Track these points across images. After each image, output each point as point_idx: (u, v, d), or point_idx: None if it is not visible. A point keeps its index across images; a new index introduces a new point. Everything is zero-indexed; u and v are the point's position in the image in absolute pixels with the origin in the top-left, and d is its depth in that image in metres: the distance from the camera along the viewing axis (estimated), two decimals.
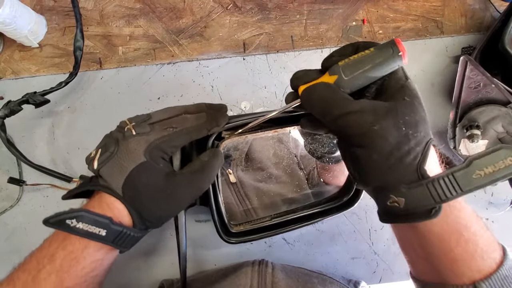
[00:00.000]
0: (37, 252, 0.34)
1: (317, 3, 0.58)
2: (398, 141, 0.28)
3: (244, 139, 0.45)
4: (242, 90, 0.56)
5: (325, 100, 0.31)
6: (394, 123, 0.29)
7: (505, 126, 0.47)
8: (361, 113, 0.29)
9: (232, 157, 0.49)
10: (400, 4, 0.58)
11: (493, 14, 0.58)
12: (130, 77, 0.56)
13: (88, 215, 0.32)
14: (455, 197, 0.28)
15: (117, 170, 0.33)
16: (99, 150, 0.35)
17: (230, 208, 0.49)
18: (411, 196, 0.29)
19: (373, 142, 0.29)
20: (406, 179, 0.29)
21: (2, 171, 0.53)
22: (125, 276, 0.50)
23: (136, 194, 0.33)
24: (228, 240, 0.44)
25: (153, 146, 0.34)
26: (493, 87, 0.46)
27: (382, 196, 0.31)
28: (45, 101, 0.50)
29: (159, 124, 0.36)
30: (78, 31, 0.50)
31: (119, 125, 0.37)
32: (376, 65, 0.30)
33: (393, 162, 0.29)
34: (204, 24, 0.57)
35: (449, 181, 0.28)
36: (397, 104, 0.29)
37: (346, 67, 0.31)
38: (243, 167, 0.50)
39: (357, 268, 0.52)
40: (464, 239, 0.29)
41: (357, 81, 0.31)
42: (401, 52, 0.30)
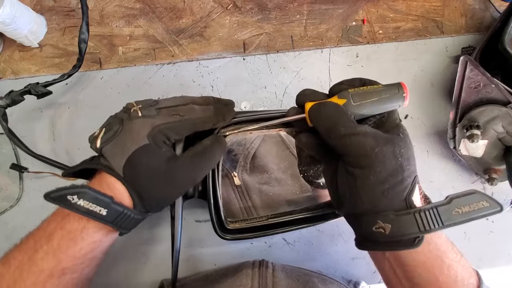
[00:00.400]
0: (35, 232, 0.33)
1: (317, 3, 0.58)
2: (394, 169, 0.31)
3: (249, 135, 0.46)
4: (242, 90, 0.56)
5: (334, 118, 0.33)
6: (393, 151, 0.31)
7: (505, 126, 0.47)
8: (364, 136, 0.31)
9: (233, 152, 0.49)
10: (400, 4, 0.58)
11: (493, 14, 0.58)
12: (130, 77, 0.56)
13: (89, 192, 0.31)
14: (436, 230, 0.30)
15: (119, 150, 0.33)
16: (103, 129, 0.35)
17: (232, 209, 0.49)
18: (398, 223, 0.30)
19: (373, 164, 0.31)
20: (395, 207, 0.31)
21: (2, 171, 0.53)
22: (125, 276, 0.50)
23: (136, 176, 0.33)
24: (223, 236, 0.44)
25: (157, 130, 0.34)
26: (493, 87, 0.46)
27: (368, 221, 0.32)
28: (47, 92, 0.50)
29: (166, 109, 0.36)
30: (83, 23, 0.49)
31: (126, 106, 0.37)
32: (382, 99, 0.34)
33: (387, 187, 0.31)
34: (204, 24, 0.57)
35: (433, 214, 0.30)
36: (394, 137, 0.32)
37: (356, 95, 0.34)
38: (248, 170, 0.50)
39: (357, 268, 0.52)
40: (446, 266, 0.32)
41: (363, 109, 0.34)
42: (405, 94, 0.34)
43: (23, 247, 0.33)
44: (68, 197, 0.31)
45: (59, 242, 0.32)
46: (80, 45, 0.50)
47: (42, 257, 0.32)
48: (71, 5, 0.57)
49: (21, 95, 0.48)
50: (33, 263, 0.31)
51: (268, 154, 0.51)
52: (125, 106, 0.37)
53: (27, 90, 0.48)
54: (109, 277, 0.50)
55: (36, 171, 0.51)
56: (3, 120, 0.48)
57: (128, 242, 0.51)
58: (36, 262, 0.31)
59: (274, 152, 0.51)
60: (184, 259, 0.51)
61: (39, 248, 0.32)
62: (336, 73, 0.57)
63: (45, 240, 0.32)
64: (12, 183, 0.52)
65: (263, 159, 0.51)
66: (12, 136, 0.48)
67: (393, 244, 0.31)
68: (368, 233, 0.32)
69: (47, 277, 0.32)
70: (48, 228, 0.33)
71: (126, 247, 0.51)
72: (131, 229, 0.36)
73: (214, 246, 0.52)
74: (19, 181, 0.52)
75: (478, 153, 0.50)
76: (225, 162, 0.49)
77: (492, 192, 0.54)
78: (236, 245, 0.52)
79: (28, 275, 0.31)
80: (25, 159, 0.53)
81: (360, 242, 0.35)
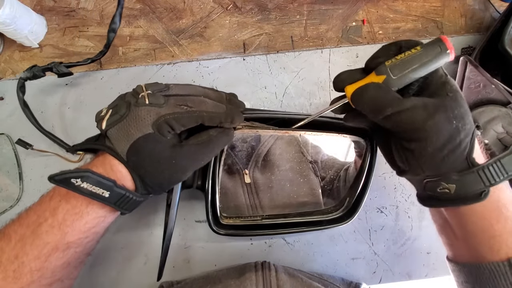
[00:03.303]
0: (35, 207, 0.33)
1: (317, 3, 0.58)
2: (451, 134, 0.30)
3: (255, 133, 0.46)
4: (242, 91, 0.56)
5: (378, 100, 0.32)
6: (446, 117, 0.30)
7: (505, 127, 0.47)
8: (414, 110, 0.31)
9: (237, 148, 0.49)
10: (400, 5, 0.58)
11: (493, 15, 0.58)
12: (130, 77, 0.56)
13: (93, 176, 0.32)
14: (502, 181, 0.31)
15: (124, 135, 0.33)
16: (109, 110, 0.34)
17: (239, 206, 0.49)
18: (463, 182, 0.31)
19: (428, 136, 0.30)
20: (458, 168, 0.31)
21: (2, 172, 0.53)
22: (125, 277, 0.50)
23: (140, 161, 0.33)
24: (217, 230, 0.44)
25: (162, 120, 0.33)
26: (493, 87, 0.46)
27: (432, 184, 0.33)
28: (68, 72, 0.51)
29: (174, 98, 0.35)
30: (117, 13, 0.50)
31: (135, 89, 0.36)
32: (424, 63, 0.31)
33: (446, 153, 0.31)
34: (204, 24, 0.57)
35: (497, 167, 0.31)
36: (444, 100, 0.31)
37: (394, 67, 0.32)
38: (259, 169, 0.50)
39: (357, 269, 0.52)
40: (504, 217, 0.32)
41: (405, 80, 0.32)
42: (449, 50, 0.31)
43: (24, 221, 0.32)
44: (72, 180, 0.31)
45: (64, 216, 0.32)
46: (109, 34, 0.51)
47: (47, 230, 0.32)
48: (71, 5, 0.57)
49: (43, 71, 0.50)
50: (37, 237, 0.32)
51: (281, 154, 0.51)
52: (134, 88, 0.36)
53: (49, 67, 0.50)
54: (109, 277, 0.50)
55: (40, 149, 0.52)
56: (21, 92, 0.49)
57: (129, 243, 0.51)
58: (40, 235, 0.32)
59: (287, 152, 0.51)
60: (184, 260, 0.51)
61: (43, 221, 0.32)
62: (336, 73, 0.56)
63: (50, 214, 0.32)
64: (12, 183, 0.52)
65: (275, 159, 0.50)
66: (25, 108, 0.50)
67: (460, 200, 0.32)
68: (433, 194, 0.34)
69: (51, 250, 0.32)
70: (52, 202, 0.33)
71: (126, 248, 0.51)
72: (132, 210, 0.36)
73: (215, 247, 0.52)
74: (19, 181, 0.52)
75: None
76: (238, 158, 0.49)
77: None
78: (236, 245, 0.52)
79: (31, 248, 0.31)
80: (24, 159, 0.53)
81: (424, 200, 0.36)
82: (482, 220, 0.32)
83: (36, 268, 0.32)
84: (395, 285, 0.53)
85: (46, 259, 0.32)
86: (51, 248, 0.32)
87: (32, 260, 0.31)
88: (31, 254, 0.31)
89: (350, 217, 0.47)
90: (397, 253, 0.52)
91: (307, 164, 0.51)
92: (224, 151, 0.42)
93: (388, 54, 0.34)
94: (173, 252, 0.50)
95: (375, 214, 0.53)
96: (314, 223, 0.48)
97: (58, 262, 0.33)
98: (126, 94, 0.36)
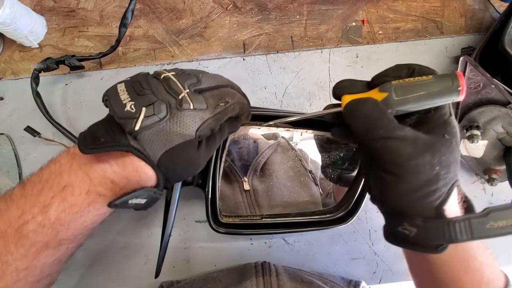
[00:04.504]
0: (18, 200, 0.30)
1: (317, 3, 0.58)
2: (428, 179, 0.29)
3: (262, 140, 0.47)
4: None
5: (371, 118, 0.30)
6: (430, 161, 0.29)
7: (505, 127, 0.47)
8: (402, 142, 0.29)
9: (236, 156, 0.50)
10: (400, 5, 0.58)
11: (493, 15, 0.58)
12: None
13: (145, 192, 0.31)
14: (465, 241, 0.29)
15: (162, 140, 0.30)
16: (143, 108, 0.29)
17: (238, 213, 0.49)
18: (424, 230, 0.30)
19: (404, 174, 0.29)
20: (423, 214, 0.30)
21: (2, 172, 0.53)
22: (126, 277, 0.50)
23: (172, 165, 0.31)
24: (216, 228, 0.44)
25: (206, 125, 0.31)
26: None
27: (395, 220, 0.32)
28: (79, 66, 0.53)
29: (211, 95, 0.32)
30: (129, 10, 0.51)
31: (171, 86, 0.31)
32: (431, 94, 0.29)
33: (417, 197, 0.29)
34: (204, 24, 0.57)
35: (464, 226, 0.29)
36: (437, 141, 0.29)
37: (400, 88, 0.30)
38: (258, 176, 0.50)
39: (357, 269, 0.52)
40: (471, 268, 0.31)
41: (406, 105, 0.30)
42: (460, 87, 0.29)
43: (5, 216, 0.29)
44: (129, 202, 0.31)
45: (59, 215, 0.30)
46: (120, 28, 0.52)
47: (35, 229, 0.29)
48: (71, 6, 0.57)
49: (56, 63, 0.52)
50: (22, 236, 0.29)
51: (279, 163, 0.51)
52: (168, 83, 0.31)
53: (62, 60, 0.52)
54: (109, 277, 0.50)
55: (48, 138, 0.53)
56: (34, 83, 0.52)
57: (129, 243, 0.51)
58: (26, 235, 0.29)
59: (286, 161, 0.52)
60: (184, 260, 0.51)
61: (30, 219, 0.29)
62: (336, 73, 0.57)
63: (39, 211, 0.29)
64: (12, 183, 0.52)
65: (274, 167, 0.51)
66: (37, 98, 0.52)
67: (417, 246, 0.31)
68: (394, 231, 0.32)
69: (40, 248, 0.30)
70: (41, 198, 0.30)
71: (126, 248, 0.51)
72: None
73: (214, 247, 0.52)
74: (19, 182, 0.52)
75: (478, 154, 0.50)
76: (237, 167, 0.50)
77: (492, 192, 0.54)
78: (236, 245, 0.52)
79: (16, 247, 0.29)
80: (25, 159, 0.53)
81: (386, 235, 0.35)
82: (451, 270, 0.31)
83: (23, 267, 0.30)
84: (395, 285, 0.53)
85: (35, 258, 0.30)
86: (40, 247, 0.30)
87: (18, 259, 0.29)
88: (17, 253, 0.29)
89: (350, 217, 0.47)
90: (397, 253, 0.52)
91: (306, 173, 0.51)
92: (226, 149, 0.42)
93: (399, 74, 0.32)
94: (173, 252, 0.50)
95: (375, 214, 0.53)
96: (314, 223, 0.48)
97: (49, 260, 0.31)
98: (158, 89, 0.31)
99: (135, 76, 0.33)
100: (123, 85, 0.32)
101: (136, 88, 0.31)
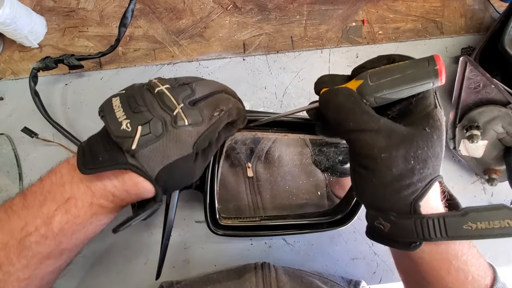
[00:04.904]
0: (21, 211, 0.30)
1: (317, 3, 0.58)
2: (401, 173, 0.28)
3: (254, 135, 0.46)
4: (242, 91, 0.56)
5: (344, 108, 0.29)
6: (404, 155, 0.27)
7: (505, 127, 0.47)
8: (375, 134, 0.28)
9: (236, 150, 0.49)
10: (400, 5, 0.58)
11: (493, 15, 0.58)
12: (130, 77, 0.56)
13: (145, 213, 0.32)
14: (438, 240, 0.28)
15: (159, 157, 0.30)
16: (139, 127, 0.29)
17: (239, 200, 0.48)
18: (397, 225, 0.29)
19: (376, 168, 0.28)
20: (398, 209, 0.29)
21: (2, 172, 0.53)
22: (126, 277, 0.50)
23: (171, 179, 0.32)
24: (215, 231, 0.44)
25: (203, 138, 0.31)
26: (492, 87, 0.46)
27: (372, 214, 0.32)
28: (78, 65, 0.52)
29: (206, 105, 0.32)
30: (129, 9, 0.51)
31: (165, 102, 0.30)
32: (406, 76, 0.27)
33: (390, 191, 0.29)
34: (204, 24, 0.57)
35: (438, 224, 0.28)
36: (415, 134, 0.28)
37: (374, 73, 0.29)
38: (262, 163, 0.49)
39: (357, 269, 0.52)
40: (455, 268, 0.30)
41: (382, 90, 0.28)
42: (437, 67, 0.27)
43: (5, 226, 0.29)
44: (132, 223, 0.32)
45: (62, 227, 0.30)
46: (120, 28, 0.52)
47: (38, 241, 0.29)
48: (71, 6, 0.57)
49: (55, 62, 0.51)
50: (25, 248, 0.29)
51: (285, 149, 0.50)
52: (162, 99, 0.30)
53: (61, 59, 0.51)
54: (109, 277, 0.50)
55: (45, 138, 0.53)
56: (33, 82, 0.51)
57: (129, 243, 0.51)
58: (29, 246, 0.29)
59: (291, 148, 0.50)
60: (184, 260, 0.51)
61: (33, 231, 0.29)
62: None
63: (42, 222, 0.29)
64: (12, 184, 0.52)
65: (279, 154, 0.50)
66: (35, 97, 0.51)
67: (391, 242, 0.31)
68: (371, 225, 0.32)
69: (42, 258, 0.30)
70: (44, 209, 0.30)
71: (126, 249, 0.51)
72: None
73: (214, 247, 0.52)
74: (18, 182, 0.52)
75: (478, 154, 0.50)
76: (241, 152, 0.49)
77: (492, 192, 0.54)
78: (236, 245, 0.52)
79: (18, 259, 0.29)
80: (25, 160, 0.53)
81: (366, 230, 0.35)
82: (432, 270, 0.31)
83: (24, 277, 0.30)
84: (395, 285, 0.53)
85: (37, 268, 0.30)
86: (42, 257, 0.30)
87: (20, 270, 0.29)
88: (19, 264, 0.29)
89: (348, 220, 0.47)
90: None
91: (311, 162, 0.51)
92: (223, 153, 0.42)
93: (378, 65, 0.31)
94: (173, 252, 0.50)
95: None
96: (313, 226, 0.48)
97: (49, 269, 0.32)
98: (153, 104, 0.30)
99: (130, 90, 0.33)
100: (118, 100, 0.32)
101: (131, 104, 0.31)
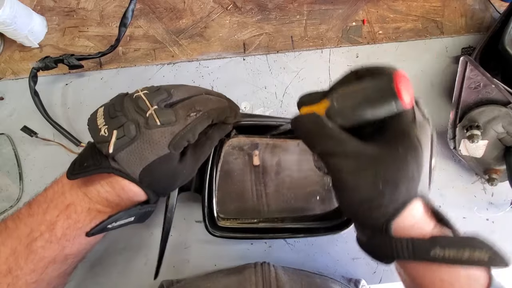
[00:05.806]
0: (26, 218, 0.32)
1: (317, 3, 0.58)
2: (370, 196, 0.27)
3: (251, 141, 0.46)
4: (242, 91, 0.56)
5: (311, 134, 0.29)
6: (373, 179, 0.26)
7: (505, 127, 0.47)
8: (343, 158, 0.27)
9: (234, 155, 0.49)
10: (400, 5, 0.58)
11: (493, 15, 0.58)
12: (130, 77, 0.56)
13: (124, 214, 0.33)
14: (407, 260, 0.28)
15: (137, 159, 0.31)
16: (114, 131, 0.31)
17: (243, 189, 0.48)
18: (371, 240, 0.31)
19: (345, 191, 0.28)
20: (371, 226, 0.30)
21: (2, 172, 0.53)
22: (126, 277, 0.50)
23: (154, 180, 0.33)
24: (213, 232, 0.44)
25: (178, 138, 0.32)
26: (493, 87, 0.46)
27: (355, 226, 0.34)
28: (78, 65, 0.52)
29: (182, 107, 0.33)
30: (129, 9, 0.51)
31: (138, 104, 0.32)
32: (368, 100, 0.25)
33: (362, 210, 0.28)
34: (204, 24, 0.57)
35: (406, 246, 0.28)
36: (386, 156, 0.27)
37: (340, 95, 0.27)
38: (270, 152, 0.48)
39: (358, 269, 0.52)
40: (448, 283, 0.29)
41: (348, 115, 0.27)
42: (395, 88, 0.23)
43: (13, 233, 0.31)
44: (108, 226, 0.32)
45: (64, 232, 0.32)
46: (120, 28, 0.52)
47: (43, 245, 0.31)
48: (71, 6, 0.57)
49: (55, 62, 0.51)
50: (32, 252, 0.31)
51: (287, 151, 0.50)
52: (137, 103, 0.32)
53: (61, 59, 0.51)
54: (109, 277, 0.50)
55: (46, 138, 0.53)
56: (33, 81, 0.51)
57: (129, 243, 0.51)
58: (35, 250, 0.31)
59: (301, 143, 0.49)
60: (184, 260, 0.51)
61: (38, 236, 0.31)
62: (336, 73, 0.57)
63: (46, 228, 0.31)
64: (12, 183, 0.52)
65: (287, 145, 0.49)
66: (35, 97, 0.51)
67: (369, 253, 0.32)
68: (356, 234, 0.34)
69: (48, 263, 0.32)
70: (47, 216, 0.32)
71: (126, 248, 0.51)
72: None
73: (214, 247, 0.51)
74: (19, 181, 0.52)
75: (478, 154, 0.50)
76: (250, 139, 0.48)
77: (492, 192, 0.54)
78: (236, 245, 0.52)
79: (26, 263, 0.31)
80: (25, 159, 0.53)
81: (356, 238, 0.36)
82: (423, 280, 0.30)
83: (31, 280, 0.31)
84: (395, 285, 0.53)
85: (43, 272, 0.32)
86: (48, 261, 0.32)
87: (28, 274, 0.31)
88: (27, 268, 0.31)
89: (346, 225, 0.46)
90: None
91: None
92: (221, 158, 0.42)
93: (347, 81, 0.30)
94: (173, 252, 0.50)
95: None
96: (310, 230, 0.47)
97: (55, 273, 0.33)
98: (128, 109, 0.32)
99: (114, 98, 0.35)
100: (102, 110, 0.34)
101: (110, 111, 0.33)
